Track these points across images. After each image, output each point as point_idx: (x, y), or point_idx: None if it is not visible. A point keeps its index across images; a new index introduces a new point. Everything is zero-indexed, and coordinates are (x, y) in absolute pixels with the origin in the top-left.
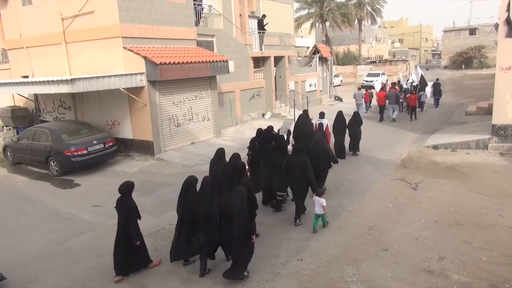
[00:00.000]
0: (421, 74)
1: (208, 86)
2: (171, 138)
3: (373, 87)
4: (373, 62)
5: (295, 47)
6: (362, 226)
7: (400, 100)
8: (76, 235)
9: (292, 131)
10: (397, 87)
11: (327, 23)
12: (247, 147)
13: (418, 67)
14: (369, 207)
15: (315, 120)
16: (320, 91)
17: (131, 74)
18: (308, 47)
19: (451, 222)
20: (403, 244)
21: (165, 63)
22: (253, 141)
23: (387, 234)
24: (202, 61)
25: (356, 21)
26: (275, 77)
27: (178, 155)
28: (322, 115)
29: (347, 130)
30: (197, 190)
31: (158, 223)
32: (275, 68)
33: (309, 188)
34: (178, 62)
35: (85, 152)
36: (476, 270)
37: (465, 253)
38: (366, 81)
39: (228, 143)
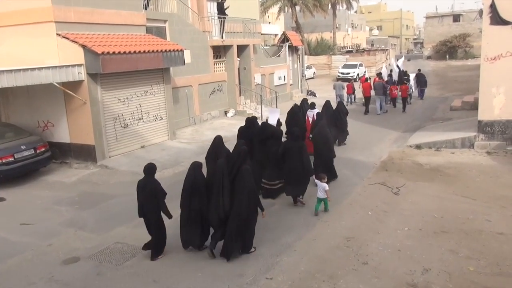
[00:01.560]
0: (399, 70)
1: (160, 79)
2: (117, 142)
3: (349, 80)
4: (349, 52)
5: (261, 34)
6: (339, 237)
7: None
8: (1, 260)
9: (280, 120)
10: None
11: (297, 8)
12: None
13: (400, 61)
14: (346, 215)
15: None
16: (291, 84)
17: (67, 66)
18: (276, 35)
19: (436, 230)
20: (384, 256)
21: (108, 52)
22: (241, 130)
23: (366, 246)
24: (153, 51)
25: (329, 6)
26: (238, 69)
27: (126, 161)
28: (313, 105)
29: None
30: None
31: (102, 242)
32: (238, 59)
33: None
34: (124, 52)
35: (11, 159)
36: (463, 281)
37: (451, 263)
38: (342, 73)
39: (185, 146)
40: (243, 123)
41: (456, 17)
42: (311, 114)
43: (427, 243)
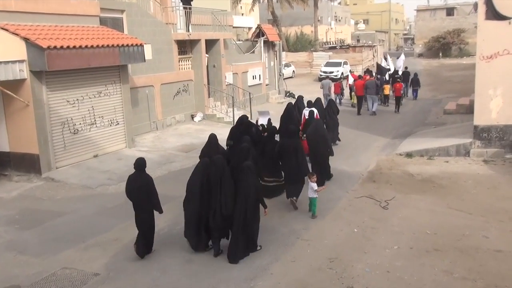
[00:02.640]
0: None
1: (117, 79)
2: (65, 150)
3: (333, 80)
4: (332, 48)
5: (233, 28)
6: (321, 258)
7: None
8: None
9: (271, 121)
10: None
11: None
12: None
13: (400, 59)
14: (329, 233)
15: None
16: (267, 85)
17: (6, 62)
18: (250, 28)
19: (428, 248)
20: (372, 278)
21: (55, 47)
22: (233, 130)
23: (352, 267)
24: (108, 45)
25: None
26: (207, 67)
27: (76, 173)
28: (310, 104)
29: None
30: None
31: (47, 267)
32: (207, 55)
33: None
34: (74, 46)
35: None
36: None
37: (445, 285)
38: (324, 72)
39: (145, 155)
40: (212, 129)
41: (450, 11)
42: (308, 113)
43: (419, 263)
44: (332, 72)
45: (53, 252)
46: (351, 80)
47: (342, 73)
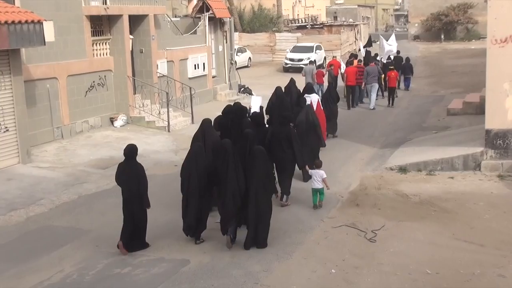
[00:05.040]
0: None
1: (5, 68)
2: None
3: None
4: (302, 28)
5: (168, 0)
6: None
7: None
8: None
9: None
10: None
11: None
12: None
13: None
14: (298, 276)
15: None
16: (214, 77)
17: None
18: (190, 1)
19: None
20: None
21: None
22: (219, 120)
23: None
24: None
25: None
26: (132, 52)
27: None
28: (310, 89)
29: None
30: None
31: None
32: (131, 37)
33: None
34: None
35: None
36: None
37: None
38: (291, 59)
39: (46, 174)
40: (139, 137)
41: None
42: (310, 101)
43: None
44: (301, 60)
45: None
46: (343, 68)
47: (315, 61)
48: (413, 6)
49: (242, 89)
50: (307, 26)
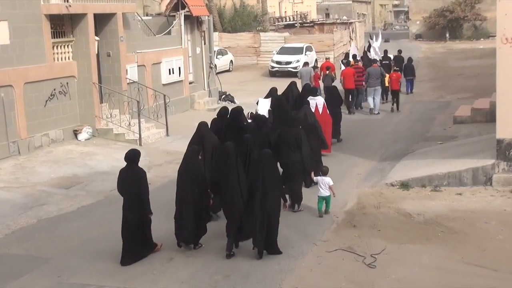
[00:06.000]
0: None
1: None
2: None
3: (290, 73)
4: (290, 27)
5: None
6: None
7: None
8: None
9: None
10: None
11: None
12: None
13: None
14: None
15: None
16: (191, 83)
17: None
18: None
19: None
20: None
21: None
22: (216, 122)
23: None
24: None
25: None
26: (98, 56)
27: None
28: (314, 91)
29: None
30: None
31: None
32: (97, 39)
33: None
34: None
35: None
36: None
37: None
38: (278, 62)
39: (1, 195)
40: (107, 151)
41: None
42: (315, 103)
43: None
44: (289, 63)
45: None
46: (342, 67)
47: (305, 63)
48: (414, 1)
49: (223, 96)
50: (296, 25)
